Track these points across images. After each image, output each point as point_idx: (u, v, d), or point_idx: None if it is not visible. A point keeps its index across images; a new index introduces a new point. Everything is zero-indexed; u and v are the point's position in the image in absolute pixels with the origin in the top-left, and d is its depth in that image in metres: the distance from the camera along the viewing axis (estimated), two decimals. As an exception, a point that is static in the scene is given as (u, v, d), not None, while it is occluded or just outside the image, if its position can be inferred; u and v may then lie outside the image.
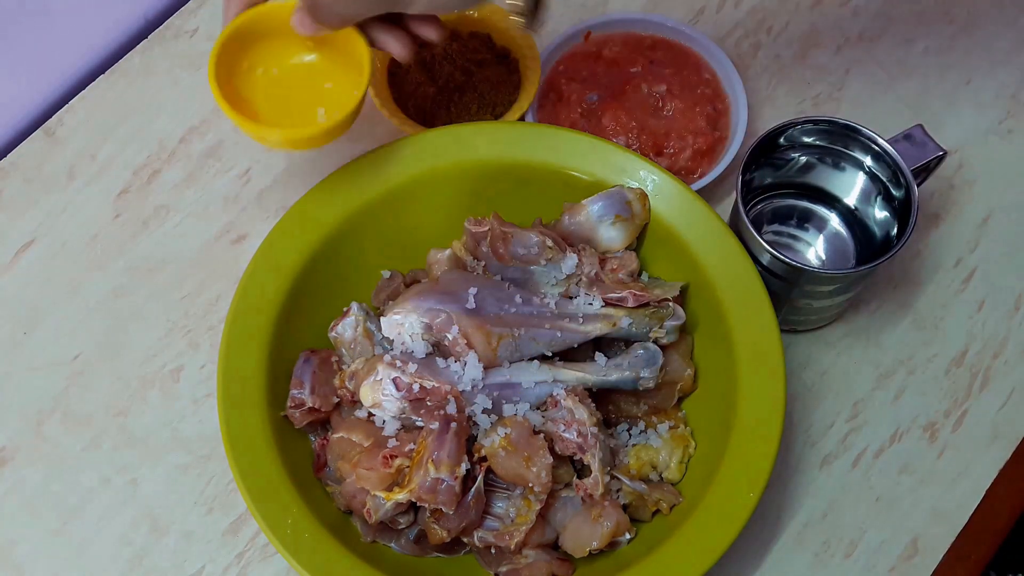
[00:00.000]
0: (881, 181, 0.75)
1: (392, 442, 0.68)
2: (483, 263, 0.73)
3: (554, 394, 0.68)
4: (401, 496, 0.65)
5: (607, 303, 0.71)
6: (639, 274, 0.74)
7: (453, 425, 0.66)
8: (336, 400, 0.71)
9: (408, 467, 0.66)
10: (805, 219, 0.80)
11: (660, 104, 0.83)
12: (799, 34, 0.90)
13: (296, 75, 0.73)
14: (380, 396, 0.67)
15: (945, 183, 0.85)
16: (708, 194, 0.82)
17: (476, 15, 0.83)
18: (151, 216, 0.83)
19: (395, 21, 0.69)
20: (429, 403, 0.67)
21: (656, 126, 0.81)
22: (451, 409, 0.66)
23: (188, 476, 0.75)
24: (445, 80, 0.82)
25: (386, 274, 0.76)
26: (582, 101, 0.82)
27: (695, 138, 0.81)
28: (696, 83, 0.83)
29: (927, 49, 0.90)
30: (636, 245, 0.75)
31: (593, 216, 0.73)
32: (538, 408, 0.69)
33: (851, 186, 0.78)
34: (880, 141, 0.73)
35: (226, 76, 0.70)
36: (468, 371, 0.68)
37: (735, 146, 0.80)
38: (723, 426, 0.68)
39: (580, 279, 0.72)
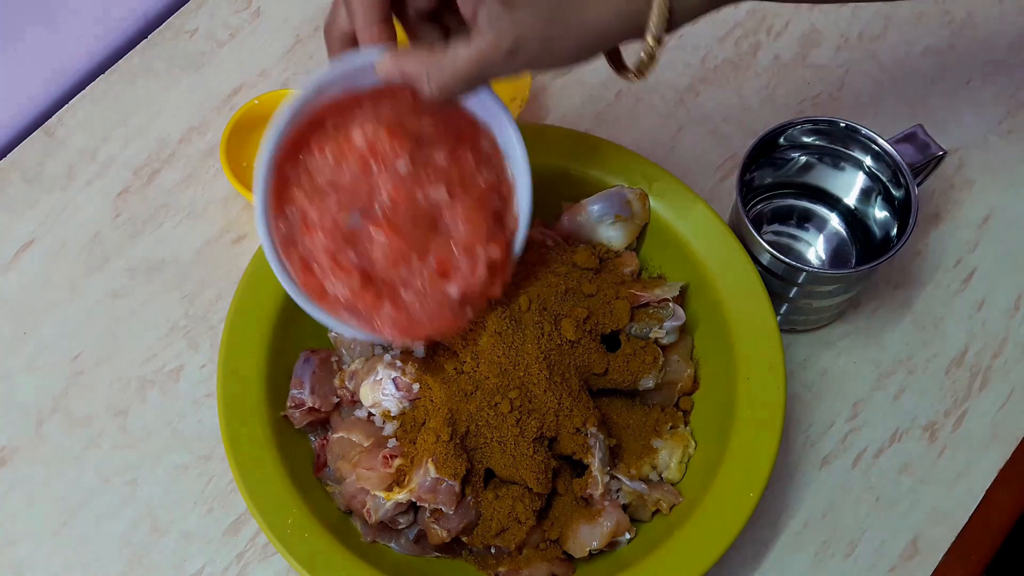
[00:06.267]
0: (881, 181, 0.75)
1: (392, 442, 0.67)
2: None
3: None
4: (401, 496, 0.65)
5: (607, 303, 0.71)
6: (639, 274, 0.74)
7: (453, 425, 0.66)
8: (336, 400, 0.71)
9: (408, 467, 0.66)
10: (805, 219, 0.80)
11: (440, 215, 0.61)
12: (799, 34, 0.91)
13: None
14: (380, 396, 0.67)
15: (945, 183, 0.85)
16: (708, 194, 0.82)
17: None
18: (151, 216, 0.83)
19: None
20: (429, 403, 0.67)
21: (440, 245, 0.61)
22: (451, 409, 0.66)
23: (188, 476, 0.75)
24: None
25: (386, 274, 0.76)
26: (338, 227, 0.58)
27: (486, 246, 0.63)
28: (475, 165, 0.62)
29: (927, 49, 0.90)
30: (636, 245, 0.75)
31: (593, 216, 0.73)
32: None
33: (851, 186, 0.78)
34: (880, 141, 0.73)
35: (241, 180, 0.78)
36: (468, 371, 0.67)
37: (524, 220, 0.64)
38: (723, 426, 0.68)
39: (580, 279, 0.72)
